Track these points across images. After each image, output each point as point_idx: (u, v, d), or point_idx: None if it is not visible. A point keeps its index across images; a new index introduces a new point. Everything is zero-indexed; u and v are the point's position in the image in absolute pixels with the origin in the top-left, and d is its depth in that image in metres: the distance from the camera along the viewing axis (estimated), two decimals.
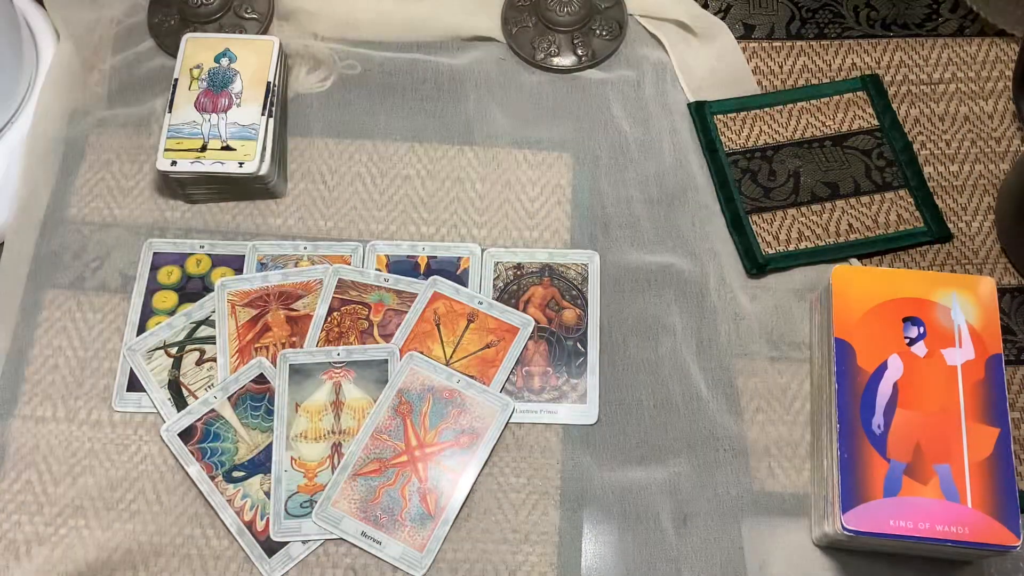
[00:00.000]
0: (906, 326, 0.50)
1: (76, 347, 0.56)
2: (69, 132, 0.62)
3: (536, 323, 0.56)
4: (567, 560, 0.51)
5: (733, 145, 0.61)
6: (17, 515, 0.53)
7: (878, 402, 0.49)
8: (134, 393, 0.55)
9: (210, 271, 0.58)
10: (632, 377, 0.56)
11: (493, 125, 0.62)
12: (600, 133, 0.62)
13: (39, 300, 0.58)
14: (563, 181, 0.61)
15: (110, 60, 0.65)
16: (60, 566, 0.51)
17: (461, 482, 0.52)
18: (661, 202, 0.60)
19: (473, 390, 0.54)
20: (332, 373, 0.55)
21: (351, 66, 0.64)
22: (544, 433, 0.54)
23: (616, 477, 0.53)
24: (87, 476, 0.53)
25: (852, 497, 0.47)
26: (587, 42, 0.64)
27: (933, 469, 0.47)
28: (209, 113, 0.59)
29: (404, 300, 0.57)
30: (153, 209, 0.60)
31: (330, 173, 0.61)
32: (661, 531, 0.52)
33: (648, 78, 0.64)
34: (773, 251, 0.58)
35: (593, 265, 0.58)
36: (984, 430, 0.48)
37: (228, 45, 0.61)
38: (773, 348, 0.56)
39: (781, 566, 0.51)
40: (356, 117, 0.63)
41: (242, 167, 0.57)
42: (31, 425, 0.55)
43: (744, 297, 0.57)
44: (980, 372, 0.49)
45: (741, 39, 0.65)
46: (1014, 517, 0.46)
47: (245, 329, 0.56)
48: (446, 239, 0.59)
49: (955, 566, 0.51)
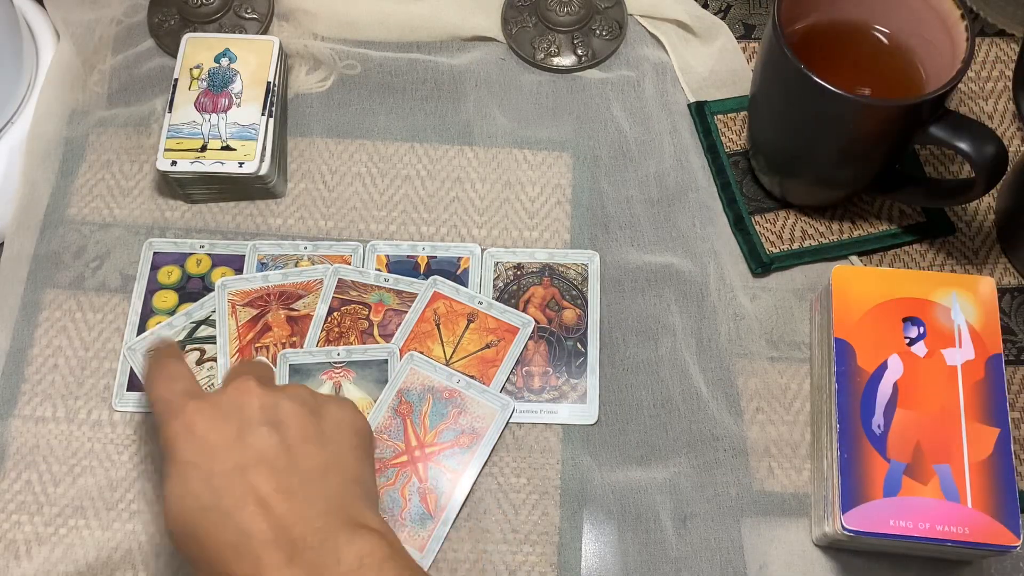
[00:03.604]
0: (906, 326, 0.50)
1: (76, 347, 0.56)
2: (69, 132, 0.62)
3: (536, 323, 0.56)
4: (567, 560, 0.52)
5: (734, 146, 0.61)
6: (17, 515, 0.53)
7: (878, 402, 0.49)
8: (134, 392, 0.55)
9: (210, 271, 0.58)
10: (632, 377, 0.56)
11: (493, 125, 0.62)
12: (600, 133, 0.62)
13: (39, 300, 0.58)
14: (563, 181, 0.61)
15: (110, 60, 0.65)
16: (60, 566, 0.51)
17: (461, 482, 0.52)
18: (661, 202, 0.60)
19: (473, 390, 0.54)
20: (332, 373, 0.55)
21: (351, 66, 0.64)
22: (544, 433, 0.54)
23: (616, 477, 0.53)
24: (87, 476, 0.53)
25: (852, 497, 0.47)
26: (587, 42, 0.64)
27: (933, 469, 0.47)
28: (209, 113, 0.59)
29: (404, 300, 0.57)
30: (153, 209, 0.60)
31: (330, 173, 0.61)
32: (661, 531, 0.52)
33: (648, 78, 0.64)
34: (777, 250, 0.58)
35: (593, 265, 0.58)
36: (984, 430, 0.48)
37: (228, 45, 0.61)
38: (773, 348, 0.56)
39: (781, 566, 0.51)
40: (356, 117, 0.63)
41: (242, 167, 0.57)
42: (31, 425, 0.55)
43: (744, 297, 0.57)
44: (980, 372, 0.49)
45: (741, 39, 0.65)
46: (1014, 517, 0.46)
47: (246, 329, 0.56)
48: (446, 239, 0.59)
49: (955, 566, 0.51)
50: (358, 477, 0.44)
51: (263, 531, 0.39)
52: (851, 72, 0.53)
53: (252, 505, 0.40)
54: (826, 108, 0.50)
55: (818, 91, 0.49)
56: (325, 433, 0.44)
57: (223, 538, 0.40)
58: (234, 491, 0.40)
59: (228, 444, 0.42)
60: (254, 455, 0.41)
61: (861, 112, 0.49)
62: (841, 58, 0.54)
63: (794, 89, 0.50)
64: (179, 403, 0.43)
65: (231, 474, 0.41)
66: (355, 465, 0.44)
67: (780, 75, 0.51)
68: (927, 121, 0.50)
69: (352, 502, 0.42)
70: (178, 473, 0.42)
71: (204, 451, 0.42)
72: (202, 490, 0.41)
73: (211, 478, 0.41)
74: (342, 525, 0.40)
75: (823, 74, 0.48)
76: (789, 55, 0.49)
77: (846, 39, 0.55)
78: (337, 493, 0.42)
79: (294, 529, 0.40)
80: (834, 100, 0.48)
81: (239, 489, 0.40)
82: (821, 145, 0.53)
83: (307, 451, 0.42)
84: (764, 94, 0.55)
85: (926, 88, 0.53)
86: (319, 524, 0.40)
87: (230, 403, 0.43)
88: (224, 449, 0.42)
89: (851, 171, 0.55)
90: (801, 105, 0.51)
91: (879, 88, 0.53)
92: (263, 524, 0.39)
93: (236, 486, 0.40)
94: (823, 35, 0.55)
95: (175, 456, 0.42)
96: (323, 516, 0.40)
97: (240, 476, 0.41)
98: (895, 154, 0.55)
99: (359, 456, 0.45)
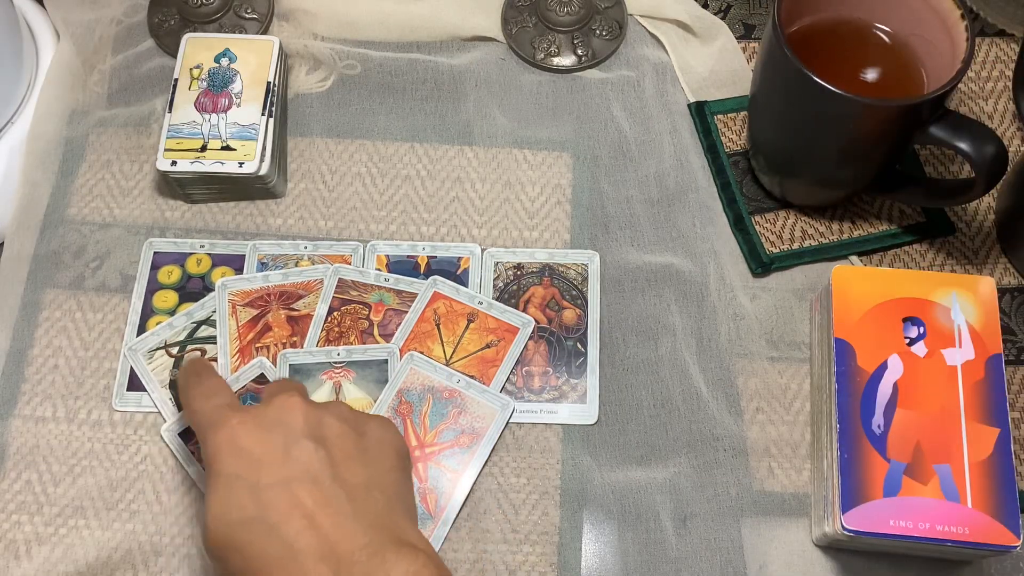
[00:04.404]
0: (906, 326, 0.50)
1: (76, 347, 0.56)
2: (69, 132, 0.62)
3: (536, 323, 0.56)
4: (567, 560, 0.52)
5: (734, 146, 0.61)
6: (17, 515, 0.53)
7: (878, 402, 0.49)
8: (134, 392, 0.55)
9: (210, 271, 0.58)
10: (632, 377, 0.56)
11: (493, 125, 0.62)
12: (600, 133, 0.62)
13: (39, 300, 0.58)
14: (563, 181, 0.61)
15: (110, 60, 0.65)
16: (60, 566, 0.51)
17: (461, 482, 0.52)
18: (661, 202, 0.60)
19: (473, 390, 0.54)
20: (332, 373, 0.55)
21: (351, 66, 0.64)
22: (544, 433, 0.54)
23: (616, 477, 0.53)
24: (87, 476, 0.53)
25: (852, 497, 0.47)
26: (587, 42, 0.64)
27: (933, 469, 0.47)
28: (209, 113, 0.59)
29: (404, 300, 0.57)
30: (153, 209, 0.60)
31: (330, 173, 0.61)
32: (661, 531, 0.52)
33: (648, 78, 0.64)
34: (777, 250, 0.58)
35: (593, 265, 0.58)
36: (984, 430, 0.48)
37: (228, 45, 0.61)
38: (773, 348, 0.56)
39: (781, 566, 0.51)
40: (356, 117, 0.63)
41: (242, 167, 0.57)
42: (31, 425, 0.55)
43: (744, 297, 0.57)
44: (980, 372, 0.49)
45: (741, 39, 0.65)
46: (1014, 517, 0.46)
47: (246, 329, 0.56)
48: (446, 239, 0.59)
49: (955, 566, 0.51)
50: (400, 495, 0.44)
51: (310, 545, 0.39)
52: (851, 72, 0.54)
53: (298, 519, 0.40)
54: (826, 108, 0.50)
55: (818, 91, 0.49)
56: (368, 451, 0.44)
57: (268, 551, 0.39)
58: (280, 504, 0.40)
59: (273, 458, 0.41)
60: (300, 469, 0.41)
61: (861, 112, 0.49)
62: (841, 58, 0.54)
63: (794, 89, 0.50)
64: (222, 416, 0.43)
65: (277, 487, 0.40)
66: (396, 483, 0.44)
67: (780, 75, 0.51)
68: (927, 121, 0.50)
69: (396, 520, 0.42)
70: (223, 485, 0.41)
71: (249, 464, 0.41)
72: (247, 502, 0.40)
73: (257, 491, 0.40)
74: (388, 542, 0.40)
75: (823, 74, 0.48)
76: (789, 55, 0.49)
77: (846, 39, 0.55)
78: (382, 510, 0.42)
79: (341, 545, 0.39)
80: (834, 100, 0.48)
81: (285, 503, 0.40)
82: (821, 145, 0.53)
83: (351, 468, 0.42)
84: (764, 94, 0.55)
85: (926, 88, 0.53)
86: (365, 540, 0.40)
87: (275, 417, 0.43)
88: (269, 462, 0.41)
89: (851, 171, 0.55)
90: (801, 105, 0.51)
91: (879, 88, 0.53)
92: (310, 539, 0.39)
93: (282, 500, 0.40)
94: (823, 35, 0.55)
95: (219, 468, 0.42)
96: (369, 532, 0.40)
97: (286, 489, 0.40)
98: (895, 154, 0.55)
99: (400, 475, 0.45)
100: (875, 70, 0.54)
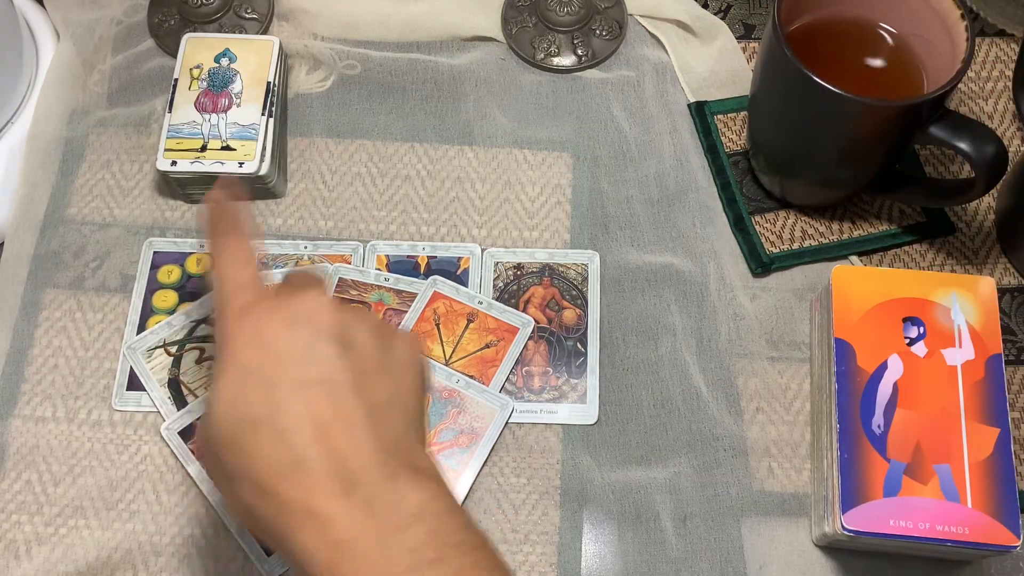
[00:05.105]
0: (906, 326, 0.50)
1: (76, 347, 0.56)
2: (69, 132, 0.62)
3: (536, 323, 0.56)
4: (567, 560, 0.51)
5: (734, 146, 0.61)
6: (17, 515, 0.53)
7: (878, 402, 0.49)
8: (134, 392, 0.55)
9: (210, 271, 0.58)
10: (632, 377, 0.56)
11: (493, 125, 0.62)
12: (600, 133, 0.62)
13: (39, 300, 0.58)
14: (563, 181, 0.61)
15: (110, 60, 0.65)
16: (60, 566, 0.51)
17: (460, 482, 0.52)
18: (661, 202, 0.60)
19: (472, 390, 0.54)
20: None
21: (351, 66, 0.64)
22: (544, 433, 0.54)
23: (616, 477, 0.53)
24: (87, 476, 0.53)
25: (852, 497, 0.47)
26: (587, 42, 0.64)
27: (933, 469, 0.47)
28: (209, 113, 0.59)
29: (404, 300, 0.57)
30: (153, 209, 0.60)
31: (330, 173, 0.61)
32: (661, 531, 0.52)
33: (648, 78, 0.64)
34: (777, 250, 0.58)
35: (593, 265, 0.58)
36: (984, 430, 0.48)
37: (228, 45, 0.61)
38: (773, 348, 0.56)
39: (781, 566, 0.51)
40: (356, 117, 0.63)
41: (242, 167, 0.57)
42: (31, 425, 0.55)
43: (744, 297, 0.57)
44: (980, 372, 0.49)
45: (741, 39, 0.65)
46: (1014, 517, 0.46)
47: None
48: (446, 239, 0.59)
49: (955, 566, 0.51)
50: (418, 419, 0.41)
51: (319, 458, 0.36)
52: (851, 72, 0.54)
53: (310, 428, 0.37)
54: (826, 108, 0.50)
55: (818, 91, 0.49)
56: (393, 368, 0.40)
57: (275, 456, 0.37)
58: (293, 408, 0.37)
59: (295, 356, 0.38)
60: (321, 372, 0.38)
61: (861, 112, 0.49)
62: (841, 58, 0.54)
63: (794, 89, 0.50)
64: (249, 298, 0.40)
65: (293, 388, 0.37)
66: (416, 406, 0.41)
67: (780, 75, 0.51)
68: (927, 121, 0.50)
69: (412, 444, 0.39)
70: (236, 376, 0.38)
71: (268, 358, 0.38)
72: (258, 399, 0.37)
73: (271, 389, 0.37)
74: (402, 467, 0.37)
75: (823, 74, 0.48)
76: (789, 55, 0.49)
77: (846, 39, 0.55)
78: (400, 432, 0.39)
79: (352, 461, 0.37)
80: (834, 100, 0.48)
81: (299, 407, 0.37)
82: (821, 145, 0.53)
83: (375, 382, 0.39)
84: (764, 94, 0.55)
85: (926, 88, 0.53)
86: (378, 460, 0.37)
87: (304, 311, 0.39)
88: (290, 361, 0.38)
89: (851, 171, 0.55)
90: (801, 105, 0.51)
91: (879, 88, 0.53)
92: (320, 451, 0.36)
93: (297, 403, 0.37)
94: (823, 35, 0.55)
95: (234, 358, 0.38)
96: (383, 453, 0.37)
97: (302, 393, 0.37)
98: (895, 154, 0.55)
99: (420, 397, 0.42)
100: (875, 70, 0.54)
